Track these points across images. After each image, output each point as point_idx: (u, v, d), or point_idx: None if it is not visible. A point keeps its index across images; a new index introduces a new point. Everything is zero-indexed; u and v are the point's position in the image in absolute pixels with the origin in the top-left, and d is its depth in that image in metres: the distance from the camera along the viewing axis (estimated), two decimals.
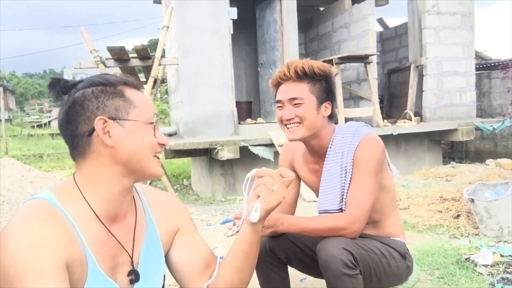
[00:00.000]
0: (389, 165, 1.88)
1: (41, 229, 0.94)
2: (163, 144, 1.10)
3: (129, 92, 1.07)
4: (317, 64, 1.73)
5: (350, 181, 1.73)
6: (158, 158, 1.10)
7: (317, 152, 1.83)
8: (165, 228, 1.21)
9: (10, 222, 0.97)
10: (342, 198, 1.74)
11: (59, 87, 1.05)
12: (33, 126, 28.99)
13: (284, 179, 1.11)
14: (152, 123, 1.07)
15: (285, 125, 1.77)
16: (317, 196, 1.89)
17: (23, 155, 12.30)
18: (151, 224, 1.18)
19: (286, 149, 2.01)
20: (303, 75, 1.71)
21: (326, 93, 1.75)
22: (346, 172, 1.74)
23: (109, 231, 1.06)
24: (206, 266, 1.20)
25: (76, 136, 1.03)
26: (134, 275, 1.10)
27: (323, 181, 1.82)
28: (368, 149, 1.72)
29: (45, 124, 32.00)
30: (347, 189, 1.73)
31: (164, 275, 1.20)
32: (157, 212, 1.21)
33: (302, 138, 1.76)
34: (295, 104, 1.72)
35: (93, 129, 1.01)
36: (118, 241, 1.08)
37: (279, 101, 1.77)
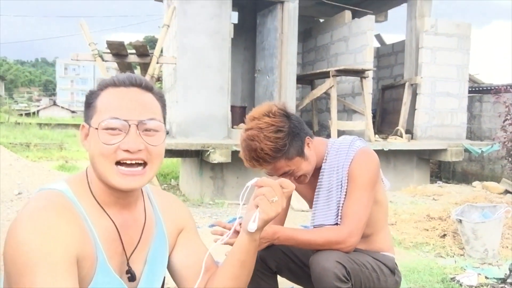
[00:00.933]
0: (382, 179, 1.90)
1: (56, 222, 0.94)
2: (126, 150, 0.98)
3: (105, 94, 1.03)
4: (267, 145, 1.59)
5: (346, 195, 1.74)
6: (128, 164, 1.00)
7: None
8: (172, 229, 1.21)
9: (24, 210, 0.96)
10: (338, 212, 1.76)
11: None
12: (21, 114, 28.66)
13: (284, 190, 1.10)
14: (98, 128, 0.98)
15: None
16: (310, 207, 1.90)
17: (10, 143, 12.14)
18: (160, 224, 1.19)
19: None
20: (272, 158, 1.62)
21: (299, 141, 1.68)
22: (341, 186, 1.75)
23: (116, 228, 1.06)
24: (204, 270, 1.20)
25: None
26: (130, 274, 1.10)
27: (319, 195, 1.83)
28: (363, 163, 1.73)
29: (33, 113, 31.65)
30: (343, 203, 1.74)
31: (164, 277, 1.20)
32: (165, 212, 1.21)
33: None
34: (290, 174, 1.71)
35: None
36: (121, 240, 1.07)
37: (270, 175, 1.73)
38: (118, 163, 0.99)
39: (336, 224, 1.75)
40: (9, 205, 4.62)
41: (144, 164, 1.02)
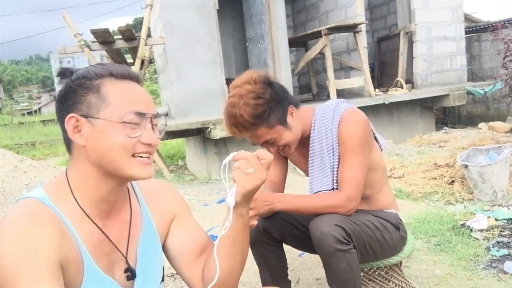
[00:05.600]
0: (376, 139, 1.86)
1: (33, 231, 0.92)
2: (149, 144, 1.00)
3: (109, 86, 1.00)
4: (246, 111, 1.59)
5: (339, 159, 1.72)
6: (143, 157, 1.01)
7: (301, 135, 1.82)
8: (161, 218, 1.19)
9: (2, 222, 0.94)
10: (333, 177, 1.74)
11: (68, 78, 1.04)
12: (24, 114, 28.76)
13: (262, 161, 1.07)
14: (124, 122, 0.97)
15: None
16: (307, 175, 1.89)
17: (15, 144, 12.23)
18: (146, 216, 1.16)
19: None
20: (251, 125, 1.62)
21: (280, 109, 1.67)
22: (333, 151, 1.74)
23: (101, 230, 1.04)
24: (202, 252, 1.19)
25: (63, 131, 1.02)
26: (130, 272, 1.09)
27: (313, 162, 1.82)
28: (351, 124, 1.70)
29: (35, 111, 31.73)
30: (337, 168, 1.73)
31: (163, 267, 1.19)
32: (152, 202, 1.19)
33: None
34: (271, 143, 1.70)
35: None
36: (110, 240, 1.06)
37: (255, 145, 1.74)
38: (133, 155, 1.00)
39: (333, 189, 1.73)
40: None
41: None
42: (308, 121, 1.79)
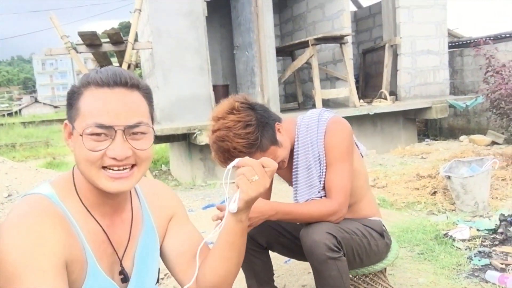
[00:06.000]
0: (356, 145, 1.90)
1: (41, 228, 0.92)
2: (113, 158, 0.95)
3: (87, 95, 0.97)
4: (239, 143, 1.56)
5: (326, 168, 1.74)
6: (115, 170, 0.97)
7: None
8: (161, 219, 1.19)
9: (8, 217, 0.94)
10: (322, 187, 1.76)
11: None
12: (3, 115, 28.22)
13: (266, 169, 1.07)
14: (83, 134, 0.94)
15: None
16: (291, 185, 1.90)
17: None
18: (147, 217, 1.16)
19: None
20: (246, 155, 1.56)
21: (269, 130, 1.65)
22: (320, 161, 1.75)
23: (104, 231, 1.04)
24: (196, 253, 1.20)
25: None
26: (123, 275, 1.09)
27: (297, 174, 1.83)
28: (337, 133, 1.73)
29: (15, 112, 31.17)
30: (325, 177, 1.75)
31: (159, 268, 1.19)
32: (152, 203, 1.19)
33: None
34: None
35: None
36: (110, 241, 1.06)
37: None
38: (104, 167, 0.97)
39: (321, 197, 1.75)
40: (0, 208, 4.58)
41: (132, 165, 0.99)
42: (291, 133, 1.80)
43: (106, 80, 0.97)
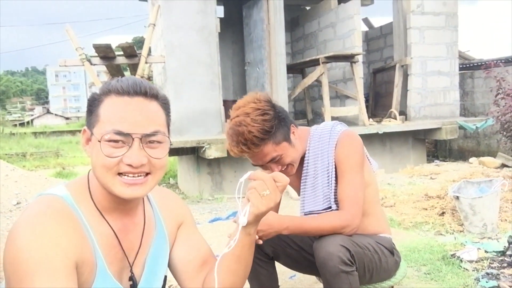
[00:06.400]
0: (368, 159, 1.91)
1: (55, 228, 0.94)
2: (129, 165, 0.98)
3: (107, 102, 1.00)
4: (254, 127, 1.60)
5: (336, 180, 1.75)
6: (129, 177, 0.99)
7: None
8: (171, 226, 1.20)
9: (23, 215, 0.96)
10: (326, 198, 1.77)
11: None
12: (15, 125, 28.55)
13: (277, 184, 1.08)
14: (101, 140, 0.97)
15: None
16: (299, 194, 1.92)
17: (5, 154, 12.10)
18: (159, 224, 1.18)
19: None
20: (260, 141, 1.63)
21: (285, 126, 1.70)
22: (328, 172, 1.76)
23: (116, 235, 1.06)
24: (203, 263, 1.20)
25: None
26: (132, 281, 1.10)
27: (306, 183, 1.84)
28: (348, 145, 1.75)
29: (27, 122, 31.55)
30: (334, 188, 1.75)
31: (166, 276, 1.20)
32: (164, 210, 1.21)
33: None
34: (277, 161, 1.70)
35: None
36: (121, 246, 1.07)
37: (257, 165, 1.74)
38: (120, 173, 0.99)
39: (325, 209, 1.76)
40: (8, 215, 4.61)
41: (146, 173, 1.02)
42: (304, 141, 1.83)
43: (126, 88, 1.00)
